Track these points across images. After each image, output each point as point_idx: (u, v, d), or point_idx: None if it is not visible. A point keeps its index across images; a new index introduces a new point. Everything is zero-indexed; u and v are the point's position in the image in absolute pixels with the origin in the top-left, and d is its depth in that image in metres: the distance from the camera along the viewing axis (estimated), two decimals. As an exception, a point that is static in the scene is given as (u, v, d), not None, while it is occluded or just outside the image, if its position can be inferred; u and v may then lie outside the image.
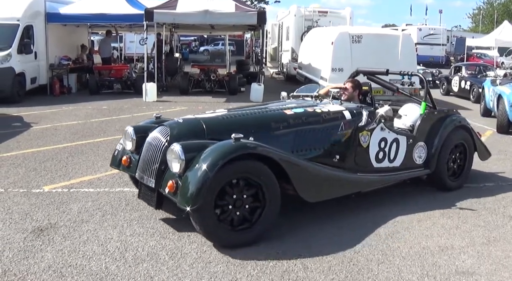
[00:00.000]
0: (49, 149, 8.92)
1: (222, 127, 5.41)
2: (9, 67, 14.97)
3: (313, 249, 4.94)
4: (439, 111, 7.25)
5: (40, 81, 17.11)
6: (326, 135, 5.97)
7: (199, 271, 4.44)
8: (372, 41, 14.94)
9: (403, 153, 6.58)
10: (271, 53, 28.40)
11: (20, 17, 16.03)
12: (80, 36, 21.74)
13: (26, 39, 16.12)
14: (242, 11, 16.08)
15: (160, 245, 4.95)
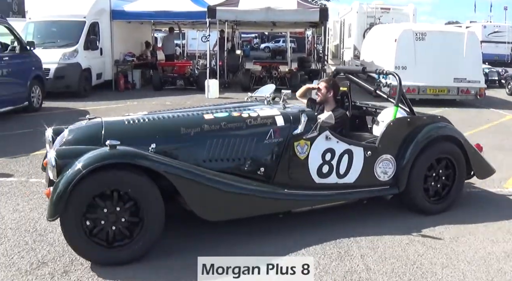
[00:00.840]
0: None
1: (122, 133, 4.82)
2: (76, 63, 15.44)
3: (377, 250, 4.86)
4: (416, 117, 6.03)
5: (106, 76, 17.60)
6: (250, 143, 5.08)
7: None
8: (436, 38, 14.66)
9: (358, 167, 5.48)
10: (333, 51, 28.18)
11: (86, 14, 16.50)
12: (144, 33, 22.18)
13: (92, 35, 16.59)
14: (304, 8, 16.02)
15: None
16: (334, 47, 28.20)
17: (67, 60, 15.28)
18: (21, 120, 11.73)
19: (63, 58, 15.22)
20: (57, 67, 14.92)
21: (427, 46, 14.43)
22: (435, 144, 5.76)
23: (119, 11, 17.74)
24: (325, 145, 5.28)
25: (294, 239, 5.05)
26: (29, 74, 12.50)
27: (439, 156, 5.81)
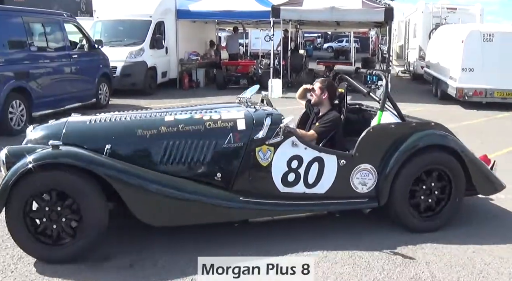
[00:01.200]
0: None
1: (81, 133, 4.84)
2: (142, 61, 15.79)
3: (443, 257, 4.70)
4: (402, 124, 5.40)
5: (170, 75, 17.89)
6: (208, 147, 4.82)
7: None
8: (505, 39, 14.16)
9: (331, 177, 5.03)
10: (397, 51, 27.73)
11: (153, 13, 16.80)
12: (208, 32, 22.41)
13: (158, 34, 16.88)
14: (369, 8, 15.79)
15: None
16: (398, 48, 27.74)
17: (134, 58, 15.64)
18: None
19: (129, 56, 15.59)
20: (124, 65, 15.33)
21: (495, 48, 13.95)
22: (423, 154, 5.13)
23: (184, 10, 18.00)
24: (291, 152, 4.90)
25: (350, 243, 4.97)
26: (97, 72, 12.90)
27: (430, 168, 5.17)
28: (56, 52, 11.54)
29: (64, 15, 12.40)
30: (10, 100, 9.64)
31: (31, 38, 10.71)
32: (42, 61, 10.83)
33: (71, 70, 11.66)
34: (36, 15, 11.55)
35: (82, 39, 12.88)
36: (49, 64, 11.00)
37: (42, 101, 10.53)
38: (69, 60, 11.74)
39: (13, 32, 10.29)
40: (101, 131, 4.89)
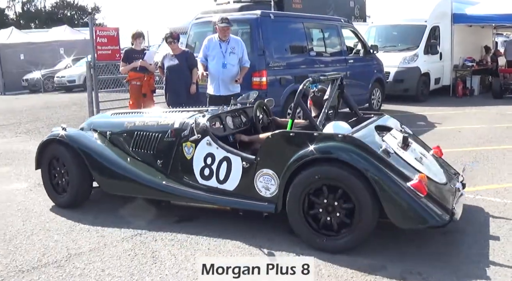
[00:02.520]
0: (453, 151, 8.78)
1: (100, 123, 6.79)
2: (415, 67, 15.52)
3: None
4: (302, 133, 5.05)
5: (444, 81, 17.26)
6: (156, 139, 5.97)
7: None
8: None
9: (237, 176, 5.31)
10: None
11: (428, 18, 16.33)
12: (484, 37, 21.12)
13: (432, 39, 16.35)
14: None
15: None
16: None
17: (407, 64, 15.44)
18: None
19: (403, 62, 15.43)
20: (397, 71, 15.24)
21: None
22: (315, 167, 4.77)
23: (460, 14, 17.13)
24: (206, 150, 5.53)
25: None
26: (371, 77, 12.94)
27: (333, 183, 4.70)
28: (333, 57, 11.84)
29: (342, 20, 12.68)
30: (290, 102, 10.13)
31: (311, 43, 11.13)
32: (319, 66, 11.17)
33: (346, 74, 11.83)
34: (316, 21, 11.99)
35: (357, 44, 13.05)
36: (325, 69, 11.30)
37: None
38: (345, 65, 11.94)
39: (294, 38, 10.80)
40: (108, 122, 6.74)
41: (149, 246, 4.98)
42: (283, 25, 10.48)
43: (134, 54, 9.63)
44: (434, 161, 5.63)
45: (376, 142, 5.00)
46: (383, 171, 4.59)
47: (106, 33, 11.83)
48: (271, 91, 9.66)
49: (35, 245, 5.12)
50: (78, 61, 26.02)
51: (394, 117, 6.29)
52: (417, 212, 4.49)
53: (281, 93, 9.92)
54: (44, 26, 52.61)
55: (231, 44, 8.06)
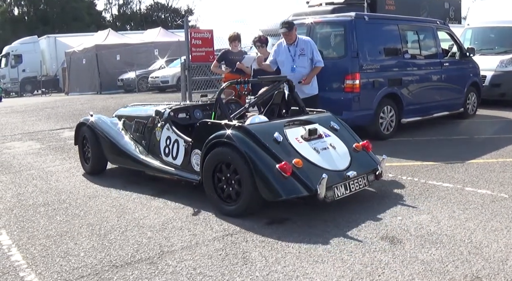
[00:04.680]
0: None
1: (120, 112, 8.68)
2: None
3: None
4: (216, 123, 6.36)
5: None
6: (143, 125, 7.70)
7: None
8: None
9: (182, 154, 6.78)
10: None
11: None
12: None
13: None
14: None
15: None
16: None
17: (505, 67, 14.83)
18: (456, 126, 11.88)
19: (500, 65, 14.83)
20: (494, 75, 14.66)
21: None
22: (216, 149, 6.03)
23: None
24: (166, 133, 7.09)
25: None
26: (466, 81, 12.53)
27: (223, 160, 5.96)
28: (428, 60, 11.58)
29: (438, 22, 12.37)
30: (383, 106, 10.01)
31: (405, 46, 10.95)
32: (413, 68, 10.98)
33: (441, 78, 11.56)
34: (411, 23, 11.76)
35: (453, 47, 12.70)
36: (420, 72, 11.09)
37: (411, 108, 10.70)
38: (440, 68, 11.64)
39: (389, 40, 10.66)
40: (125, 112, 8.50)
41: (240, 247, 5.03)
42: (377, 27, 10.36)
43: (230, 56, 9.77)
44: (345, 152, 6.32)
45: (270, 132, 5.98)
46: (260, 154, 5.71)
47: (200, 35, 12.12)
48: (364, 94, 9.60)
49: (129, 241, 5.28)
50: (172, 62, 26.70)
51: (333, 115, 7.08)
52: (275, 187, 5.53)
53: (374, 96, 9.83)
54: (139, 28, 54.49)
55: (299, 45, 7.98)
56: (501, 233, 5.24)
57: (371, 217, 5.76)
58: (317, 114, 7.02)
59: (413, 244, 4.97)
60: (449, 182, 7.14)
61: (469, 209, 5.99)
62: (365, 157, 6.51)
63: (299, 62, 7.96)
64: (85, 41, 32.49)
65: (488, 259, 4.63)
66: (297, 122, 6.50)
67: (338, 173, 5.95)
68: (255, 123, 6.29)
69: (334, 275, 4.35)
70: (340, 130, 6.68)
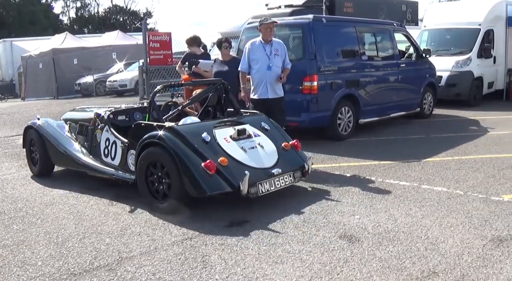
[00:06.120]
0: (508, 156, 8.62)
1: (66, 116, 8.81)
2: (468, 71, 15.27)
3: None
4: (148, 124, 6.66)
5: (497, 86, 16.93)
6: (85, 128, 7.86)
7: None
8: None
9: (119, 155, 7.01)
10: None
11: (482, 21, 16.02)
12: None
13: (486, 43, 16.04)
14: None
15: None
16: None
17: (460, 68, 15.19)
18: (413, 126, 12.09)
19: (455, 66, 15.19)
20: (450, 75, 15.02)
21: None
22: (148, 149, 6.30)
23: (515, 17, 16.80)
24: (106, 135, 7.32)
25: None
26: (423, 81, 12.78)
27: (155, 160, 6.24)
28: (385, 61, 11.76)
29: (394, 24, 12.56)
30: (340, 107, 10.11)
31: (363, 48, 11.09)
32: (371, 70, 11.13)
33: (398, 78, 11.74)
34: (368, 25, 11.93)
35: (409, 48, 12.91)
36: (377, 73, 11.25)
37: (368, 109, 10.83)
38: (397, 69, 11.83)
39: (346, 42, 10.78)
40: (71, 115, 8.67)
41: (199, 250, 5.01)
42: (335, 30, 10.47)
43: (192, 58, 9.72)
44: (273, 151, 6.64)
45: (199, 132, 6.28)
46: (187, 153, 6.00)
47: (158, 38, 12.07)
48: (322, 95, 9.67)
49: (87, 248, 5.21)
50: (130, 65, 26.47)
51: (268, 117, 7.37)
52: (200, 184, 5.84)
53: (332, 97, 9.92)
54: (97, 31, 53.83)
55: (274, 46, 8.00)
56: (457, 228, 5.38)
57: (330, 216, 5.83)
58: (249, 115, 7.34)
59: (371, 242, 5.05)
60: (406, 180, 7.27)
61: (426, 206, 6.11)
62: (293, 156, 6.82)
63: (275, 61, 7.93)
64: (41, 45, 31.84)
65: (444, 254, 4.73)
66: (229, 123, 6.83)
67: (264, 171, 6.27)
68: (186, 124, 6.64)
69: (294, 275, 4.39)
70: (270, 130, 6.99)
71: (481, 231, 5.32)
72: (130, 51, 28.43)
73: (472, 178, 7.35)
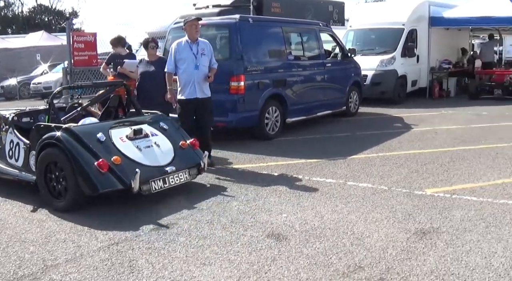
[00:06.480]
0: (430, 152, 8.93)
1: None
2: (392, 70, 15.68)
3: None
4: (46, 126, 6.83)
5: (421, 84, 17.47)
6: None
7: None
8: None
9: (22, 156, 7.04)
10: None
11: (405, 21, 16.54)
12: (461, 39, 21.38)
13: (410, 42, 16.54)
14: None
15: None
16: None
17: (384, 67, 15.60)
18: (339, 124, 12.29)
19: (380, 65, 15.59)
20: (374, 74, 15.40)
21: None
22: (46, 149, 6.40)
23: (438, 17, 17.34)
24: (10, 137, 7.28)
25: None
26: (348, 80, 13.04)
27: (53, 160, 6.37)
28: (311, 61, 11.90)
29: (320, 24, 12.74)
30: (268, 107, 10.16)
31: (289, 47, 11.18)
32: (297, 69, 11.24)
33: (324, 78, 11.92)
34: (294, 25, 12.04)
35: (336, 48, 13.14)
36: (303, 73, 11.38)
37: (295, 108, 10.93)
38: (323, 68, 12.01)
39: (273, 42, 10.84)
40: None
41: (126, 255, 4.92)
42: (261, 29, 10.51)
43: (117, 59, 9.51)
44: (169, 150, 6.83)
45: (94, 132, 6.40)
46: (81, 153, 6.14)
47: (83, 39, 11.78)
48: (249, 95, 9.69)
49: (10, 257, 5.02)
50: (55, 67, 25.74)
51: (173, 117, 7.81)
52: (92, 182, 6.01)
53: (259, 97, 9.96)
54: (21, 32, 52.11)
55: (200, 45, 7.95)
56: (382, 223, 5.51)
57: (257, 216, 5.85)
58: (149, 115, 7.47)
59: (298, 240, 5.10)
60: (332, 177, 7.39)
61: (351, 203, 6.24)
62: (189, 154, 7.02)
63: (202, 61, 7.86)
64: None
65: (369, 249, 4.84)
66: (127, 123, 6.99)
67: (158, 169, 6.47)
68: (83, 125, 6.87)
69: (222, 276, 4.38)
70: (168, 130, 7.16)
71: (405, 224, 5.47)
72: (55, 52, 27.64)
73: (396, 173, 7.55)
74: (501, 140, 9.94)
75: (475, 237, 5.12)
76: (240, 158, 8.66)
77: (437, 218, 5.66)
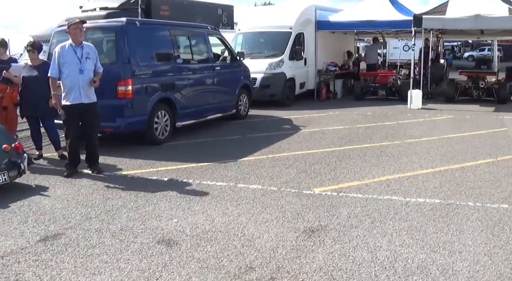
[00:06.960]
0: (317, 152, 9.20)
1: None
2: (281, 72, 15.94)
3: None
4: None
5: (308, 86, 17.89)
6: None
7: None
8: None
9: None
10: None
11: (293, 25, 16.86)
12: (347, 42, 22.20)
13: (297, 46, 16.92)
14: (517, 15, 14.83)
15: (430, 259, 4.70)
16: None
17: (273, 70, 15.83)
18: (229, 127, 12.37)
19: (269, 68, 15.80)
20: (264, 77, 15.59)
21: None
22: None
23: (324, 21, 17.94)
24: None
25: None
26: (238, 83, 13.13)
27: None
28: (200, 64, 11.87)
29: (209, 27, 12.76)
30: (157, 111, 10.04)
31: (177, 51, 11.12)
32: (186, 73, 11.18)
33: (213, 81, 11.94)
34: (182, 28, 11.97)
35: (225, 51, 13.21)
36: (192, 76, 11.33)
37: (185, 112, 10.88)
38: (212, 71, 12.03)
39: (161, 45, 10.73)
40: None
41: (12, 269, 4.68)
42: (149, 33, 10.36)
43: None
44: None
45: None
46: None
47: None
48: (137, 100, 9.54)
49: None
50: None
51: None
52: None
53: (148, 101, 9.82)
54: None
55: (85, 49, 7.74)
56: (272, 224, 5.61)
57: (147, 222, 5.76)
58: None
59: (189, 244, 5.08)
60: (223, 180, 7.42)
61: (242, 205, 6.30)
62: (11, 157, 7.20)
63: (86, 65, 7.62)
64: None
65: (260, 249, 4.91)
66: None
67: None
68: None
69: (111, 285, 4.28)
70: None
71: (294, 224, 5.60)
72: None
73: (285, 174, 7.70)
74: (385, 139, 10.44)
75: (361, 232, 5.33)
76: (129, 164, 8.49)
77: (325, 216, 5.84)
